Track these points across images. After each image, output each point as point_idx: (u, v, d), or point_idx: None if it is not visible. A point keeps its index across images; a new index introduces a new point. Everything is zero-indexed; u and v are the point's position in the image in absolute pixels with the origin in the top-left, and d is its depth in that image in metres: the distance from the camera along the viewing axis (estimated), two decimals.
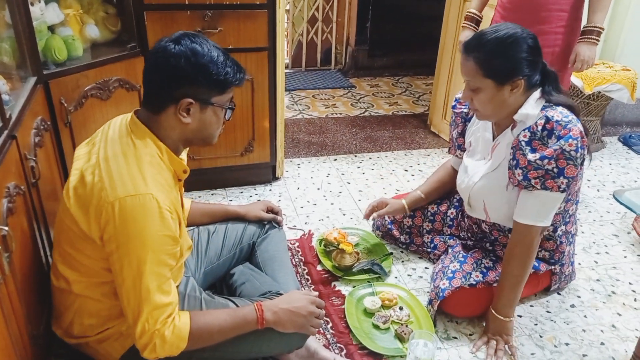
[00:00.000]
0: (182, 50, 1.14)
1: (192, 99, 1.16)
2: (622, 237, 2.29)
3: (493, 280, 1.70)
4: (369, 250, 2.08)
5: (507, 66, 1.48)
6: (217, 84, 1.18)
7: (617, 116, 3.60)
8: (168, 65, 1.14)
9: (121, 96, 2.01)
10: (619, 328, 1.77)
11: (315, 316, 1.35)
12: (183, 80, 1.15)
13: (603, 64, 3.14)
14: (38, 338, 1.31)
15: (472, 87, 1.52)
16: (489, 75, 1.48)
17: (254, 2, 2.15)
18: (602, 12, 2.06)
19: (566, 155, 1.45)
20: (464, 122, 1.86)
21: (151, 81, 1.19)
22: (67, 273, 1.23)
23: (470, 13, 2.35)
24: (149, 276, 1.11)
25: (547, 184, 1.48)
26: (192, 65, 1.14)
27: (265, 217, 1.73)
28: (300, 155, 2.95)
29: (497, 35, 1.47)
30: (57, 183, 1.70)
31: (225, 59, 1.19)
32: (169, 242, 1.15)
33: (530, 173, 1.49)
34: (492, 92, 1.50)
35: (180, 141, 1.24)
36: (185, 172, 1.29)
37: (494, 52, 1.47)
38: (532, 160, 1.47)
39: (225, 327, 1.24)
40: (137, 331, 1.13)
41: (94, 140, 1.25)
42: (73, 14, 1.91)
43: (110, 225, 1.10)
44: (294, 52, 4.50)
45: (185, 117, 1.18)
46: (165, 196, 1.15)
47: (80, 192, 1.16)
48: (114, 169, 1.13)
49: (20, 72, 1.59)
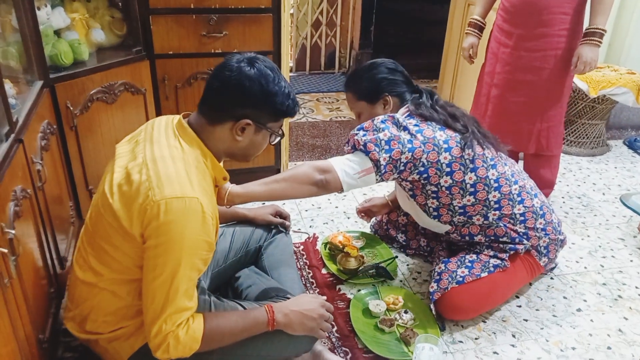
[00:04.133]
0: (257, 74, 1.20)
1: (251, 120, 1.22)
2: (628, 241, 2.28)
3: (480, 271, 1.71)
4: (374, 254, 2.08)
5: (371, 86, 1.72)
6: (277, 112, 1.26)
7: (622, 120, 3.59)
8: (241, 85, 1.19)
9: (127, 100, 2.02)
10: (625, 332, 1.76)
11: (325, 319, 1.35)
12: (250, 102, 1.21)
13: (608, 68, 3.13)
14: (44, 342, 1.31)
15: (356, 113, 1.79)
16: (360, 98, 1.74)
17: (259, 6, 2.15)
18: (604, 14, 2.06)
19: (374, 122, 1.62)
20: None
21: (217, 94, 1.22)
22: (99, 267, 1.23)
23: (473, 20, 2.36)
24: (181, 278, 1.12)
25: (350, 138, 1.63)
26: (263, 91, 1.20)
27: (274, 222, 1.74)
28: (304, 159, 2.95)
29: (359, 67, 1.80)
30: (63, 187, 1.71)
31: (290, 90, 1.26)
32: (205, 247, 1.16)
33: (350, 140, 1.63)
34: (368, 111, 1.74)
35: (224, 153, 1.29)
36: (225, 179, 1.32)
37: (360, 78, 1.75)
38: (352, 131, 1.65)
39: (236, 329, 1.24)
40: (152, 330, 1.13)
41: (137, 138, 1.27)
42: (79, 18, 1.93)
43: (153, 224, 1.11)
44: (297, 56, 4.52)
45: (239, 135, 1.24)
46: (209, 202, 1.17)
47: (125, 190, 1.17)
48: (161, 169, 1.15)
49: (27, 76, 1.60)
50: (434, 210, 1.71)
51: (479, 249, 1.79)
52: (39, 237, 1.38)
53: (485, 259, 1.75)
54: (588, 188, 2.75)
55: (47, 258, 1.44)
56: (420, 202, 1.71)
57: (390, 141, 1.56)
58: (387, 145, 1.56)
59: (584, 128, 3.13)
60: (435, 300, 1.70)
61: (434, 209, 1.71)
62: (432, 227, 1.84)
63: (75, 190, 1.86)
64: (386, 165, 1.56)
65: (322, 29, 4.43)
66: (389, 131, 1.58)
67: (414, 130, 1.59)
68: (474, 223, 1.73)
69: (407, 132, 1.60)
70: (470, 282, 1.69)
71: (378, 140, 1.57)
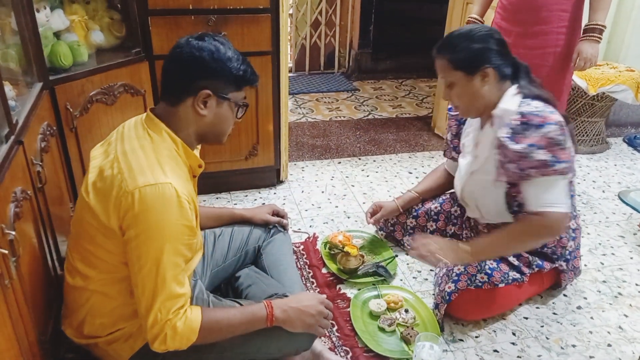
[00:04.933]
0: (206, 45, 1.20)
1: (210, 91, 1.21)
2: (628, 238, 2.28)
3: (499, 281, 1.70)
4: (374, 253, 2.08)
5: (472, 56, 1.55)
6: (235, 79, 1.24)
7: (622, 117, 3.59)
8: (191, 56, 1.20)
9: (126, 101, 2.03)
10: (625, 329, 1.76)
11: (324, 316, 1.35)
12: (204, 72, 1.20)
13: (607, 65, 3.13)
14: (45, 342, 1.31)
15: (447, 83, 1.60)
16: (458, 67, 1.56)
17: (258, 7, 2.16)
18: (603, 10, 2.06)
19: (552, 141, 1.48)
20: (457, 124, 1.90)
21: (172, 72, 1.23)
22: (86, 270, 1.24)
23: (471, 18, 2.36)
24: (166, 265, 1.13)
25: (547, 173, 1.49)
26: (214, 59, 1.20)
27: (272, 221, 1.74)
28: (304, 159, 2.95)
29: (460, 32, 1.59)
30: (63, 188, 1.71)
31: (243, 59, 1.25)
32: (186, 231, 1.16)
33: (522, 163, 1.50)
34: (464, 83, 1.57)
35: (194, 135, 1.27)
36: (200, 167, 1.32)
37: (458, 45, 1.56)
38: (520, 150, 1.49)
39: (235, 322, 1.25)
40: (149, 321, 1.13)
41: (110, 140, 1.28)
42: (78, 20, 1.93)
43: (129, 214, 1.12)
44: (297, 56, 4.52)
45: (202, 109, 1.22)
46: (184, 186, 1.17)
47: (99, 186, 1.18)
48: (133, 160, 1.16)
49: (27, 78, 1.61)
50: (519, 206, 1.66)
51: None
52: (39, 238, 1.39)
53: (505, 270, 1.73)
54: (588, 185, 2.75)
55: (47, 259, 1.44)
56: (513, 194, 1.64)
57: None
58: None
59: (583, 126, 3.13)
60: (450, 300, 1.68)
61: (521, 204, 1.65)
62: (496, 220, 1.74)
63: (75, 191, 1.86)
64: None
65: (321, 29, 4.43)
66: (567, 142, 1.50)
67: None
68: None
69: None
70: (487, 289, 1.69)
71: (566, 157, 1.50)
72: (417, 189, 2.08)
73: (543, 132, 1.48)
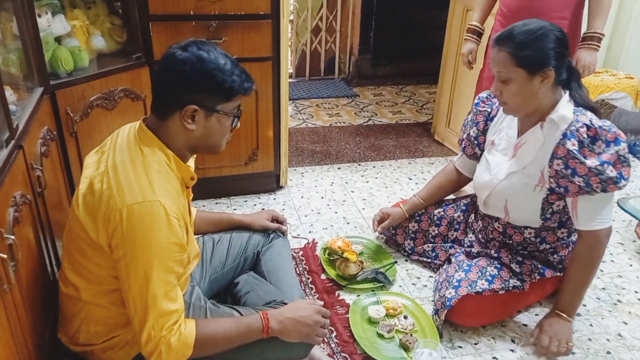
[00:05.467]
0: (188, 56, 1.15)
1: (197, 105, 1.17)
2: (627, 246, 2.28)
3: (499, 288, 1.70)
4: (373, 259, 2.08)
5: (538, 55, 1.50)
6: (222, 91, 1.19)
7: (621, 124, 3.58)
8: (174, 70, 1.16)
9: (127, 106, 2.03)
10: (625, 337, 1.76)
11: (320, 325, 1.34)
12: (188, 86, 1.16)
13: (607, 72, 3.14)
14: (43, 347, 1.31)
15: (504, 78, 1.54)
16: (520, 64, 1.50)
17: (259, 13, 2.16)
18: (602, 18, 2.07)
19: (622, 159, 1.50)
20: (485, 120, 1.86)
21: (158, 86, 1.21)
22: (76, 280, 1.24)
23: (472, 25, 2.37)
24: (156, 283, 1.12)
25: (608, 188, 1.51)
26: (198, 71, 1.15)
27: (271, 227, 1.73)
28: (304, 164, 2.96)
29: (528, 27, 1.51)
30: (62, 193, 1.71)
31: (232, 67, 1.19)
32: (176, 249, 1.15)
33: (592, 179, 1.51)
34: (523, 82, 1.52)
35: (185, 148, 1.25)
36: (192, 179, 1.30)
37: (525, 42, 1.50)
38: (593, 167, 1.49)
39: (230, 335, 1.24)
40: (143, 338, 1.13)
41: (103, 148, 1.26)
42: (79, 25, 1.94)
43: (118, 233, 1.11)
44: (297, 62, 4.53)
45: (190, 123, 1.19)
46: (173, 203, 1.16)
47: (88, 200, 1.17)
48: (122, 176, 1.14)
49: (27, 82, 1.61)
50: (552, 214, 1.68)
51: (510, 259, 1.78)
52: (39, 242, 1.39)
53: (505, 277, 1.73)
54: None
55: (46, 264, 1.44)
56: (551, 201, 1.65)
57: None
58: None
59: None
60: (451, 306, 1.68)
61: (554, 212, 1.68)
62: (523, 222, 1.73)
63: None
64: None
65: (321, 35, 4.45)
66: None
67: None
68: (557, 234, 1.74)
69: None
70: (487, 296, 1.69)
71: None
72: (422, 195, 2.06)
73: (616, 149, 1.49)
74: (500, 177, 1.71)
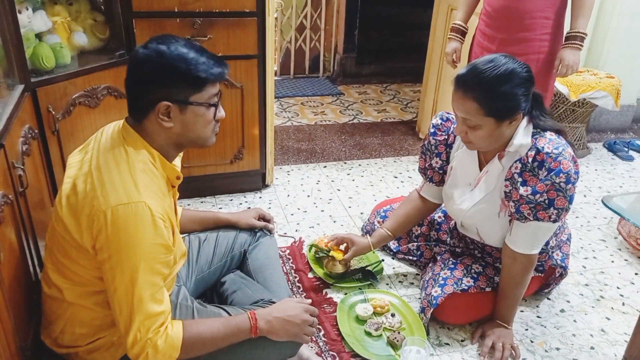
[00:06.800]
0: (147, 53, 1.12)
1: (168, 101, 1.14)
2: (609, 242, 2.32)
3: (485, 285, 1.71)
4: (360, 257, 2.08)
5: (509, 104, 1.44)
6: (190, 82, 1.14)
7: (602, 123, 3.66)
8: (136, 71, 1.14)
9: (110, 104, 2.00)
10: (608, 332, 1.79)
11: (309, 324, 1.34)
12: (152, 84, 1.13)
13: (588, 72, 3.19)
14: (26, 350, 1.28)
15: (471, 125, 1.47)
16: (490, 114, 1.44)
17: (244, 10, 2.15)
18: (584, 17, 2.10)
19: (556, 187, 1.46)
20: (446, 149, 1.77)
21: (128, 90, 1.19)
22: (60, 281, 1.21)
23: (456, 25, 2.38)
24: (142, 285, 1.10)
25: (538, 214, 1.50)
26: (160, 66, 1.12)
27: (257, 225, 1.72)
28: (289, 163, 2.95)
29: (497, 74, 1.42)
30: (44, 192, 1.68)
31: (197, 55, 1.14)
32: (162, 250, 1.14)
33: (522, 207, 1.51)
34: (491, 128, 1.47)
35: (169, 146, 1.22)
36: (178, 179, 1.28)
37: (494, 92, 1.43)
38: (524, 195, 1.49)
39: (218, 336, 1.23)
40: (129, 341, 1.11)
41: (87, 148, 1.24)
42: (61, 22, 1.90)
43: (102, 234, 1.09)
44: (282, 60, 4.51)
45: (166, 121, 1.16)
46: (159, 204, 1.14)
47: (72, 201, 1.15)
48: (106, 177, 1.12)
49: (8, 80, 1.58)
50: None
51: (493, 259, 1.79)
52: (21, 243, 1.36)
53: (490, 275, 1.76)
54: None
55: (28, 264, 1.41)
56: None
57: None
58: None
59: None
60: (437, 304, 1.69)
61: None
62: (497, 243, 1.72)
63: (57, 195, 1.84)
64: None
65: (306, 33, 4.43)
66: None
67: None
68: None
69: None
70: (473, 293, 1.71)
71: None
72: (389, 227, 1.93)
73: (552, 179, 1.45)
74: (464, 208, 1.69)
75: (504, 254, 1.64)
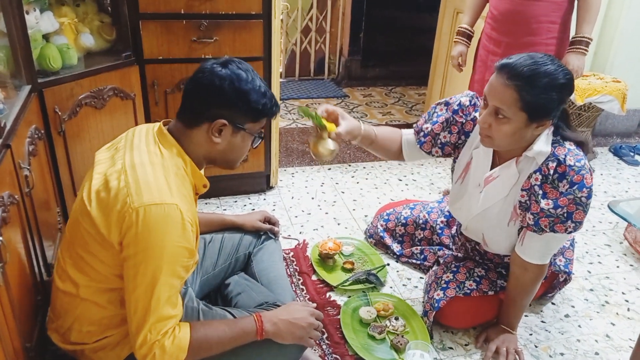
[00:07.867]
0: (229, 73, 1.19)
1: (227, 121, 1.20)
2: (614, 247, 2.31)
3: (487, 289, 1.71)
4: (365, 260, 2.08)
5: (546, 106, 1.37)
6: (253, 112, 1.23)
7: (608, 127, 3.64)
8: (212, 84, 1.19)
9: (115, 105, 2.00)
10: (613, 338, 1.78)
11: (314, 328, 1.34)
12: (223, 101, 1.20)
13: (594, 76, 3.18)
14: (30, 350, 1.29)
15: (502, 116, 1.39)
16: (525, 109, 1.36)
17: (250, 12, 2.15)
18: (590, 23, 2.09)
19: (577, 201, 1.43)
20: (459, 133, 1.68)
21: (192, 96, 1.22)
22: (77, 276, 1.22)
23: (462, 28, 2.38)
24: (162, 286, 1.11)
25: (556, 227, 1.47)
26: (235, 89, 1.19)
27: (263, 228, 1.72)
28: (294, 165, 2.95)
29: (547, 70, 1.36)
30: (50, 192, 1.68)
31: (265, 90, 1.24)
32: (186, 254, 1.15)
33: (542, 220, 1.47)
34: (519, 125, 1.39)
35: (204, 158, 1.28)
36: (205, 187, 1.31)
37: (539, 87, 1.35)
38: (545, 209, 1.45)
39: (224, 338, 1.23)
40: (138, 341, 1.11)
41: (117, 145, 1.26)
42: (68, 23, 1.91)
43: (131, 231, 1.10)
44: (287, 62, 4.52)
45: (216, 137, 1.22)
46: (188, 208, 1.16)
47: (103, 196, 1.16)
48: (140, 176, 1.14)
49: (15, 80, 1.58)
50: None
51: (495, 264, 1.78)
52: (26, 243, 1.36)
53: (493, 278, 1.75)
54: None
55: (34, 265, 1.42)
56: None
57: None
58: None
59: None
60: (439, 308, 1.68)
61: None
62: (501, 252, 1.71)
63: (63, 196, 1.84)
64: None
65: (311, 35, 4.44)
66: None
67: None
68: None
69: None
70: (475, 297, 1.70)
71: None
72: (377, 131, 1.80)
73: (575, 193, 1.41)
74: (473, 213, 1.67)
75: (514, 262, 1.62)
